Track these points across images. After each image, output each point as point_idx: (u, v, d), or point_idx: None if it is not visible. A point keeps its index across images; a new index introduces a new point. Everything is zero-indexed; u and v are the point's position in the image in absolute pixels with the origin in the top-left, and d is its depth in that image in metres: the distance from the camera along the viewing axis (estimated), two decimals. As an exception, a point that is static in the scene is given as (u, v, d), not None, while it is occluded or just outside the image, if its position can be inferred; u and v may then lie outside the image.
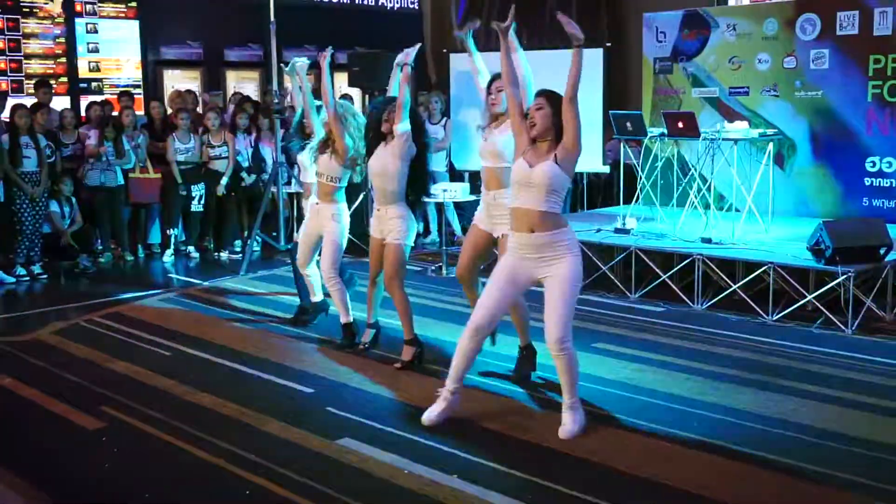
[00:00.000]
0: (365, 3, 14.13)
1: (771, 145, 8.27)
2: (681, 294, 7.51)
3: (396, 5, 14.49)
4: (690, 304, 7.42)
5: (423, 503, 3.97)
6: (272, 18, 9.42)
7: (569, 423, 4.66)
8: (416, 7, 14.67)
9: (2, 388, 5.60)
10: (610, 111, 8.95)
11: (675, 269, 7.60)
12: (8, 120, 9.02)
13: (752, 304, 7.07)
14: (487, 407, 5.16)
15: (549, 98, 4.67)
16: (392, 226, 5.87)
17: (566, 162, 4.56)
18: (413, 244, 6.02)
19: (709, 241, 7.68)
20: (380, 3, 14.26)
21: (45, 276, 8.94)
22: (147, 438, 4.75)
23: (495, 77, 5.43)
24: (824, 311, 6.78)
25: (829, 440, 4.63)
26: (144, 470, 4.39)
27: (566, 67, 4.60)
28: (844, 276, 6.60)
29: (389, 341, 6.37)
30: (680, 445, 4.56)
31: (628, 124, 8.41)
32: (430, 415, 4.84)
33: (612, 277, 7.95)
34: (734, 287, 7.22)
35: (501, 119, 5.42)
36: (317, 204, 6.50)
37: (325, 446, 4.58)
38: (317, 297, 6.96)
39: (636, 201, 8.96)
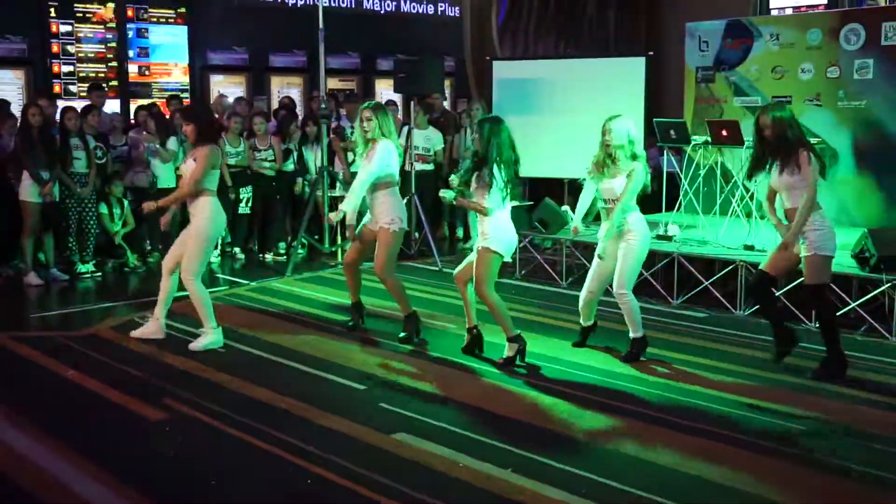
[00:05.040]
0: (407, 10, 14.31)
1: (815, 154, 8.30)
2: (723, 300, 7.57)
3: (438, 13, 14.66)
4: (733, 310, 7.48)
5: (480, 495, 4.09)
6: (321, 25, 9.59)
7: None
8: (458, 14, 14.83)
9: (66, 380, 5.79)
10: (654, 119, 9.04)
11: (718, 275, 7.67)
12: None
13: (795, 311, 7.12)
14: (537, 406, 5.29)
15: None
16: (482, 232, 6.12)
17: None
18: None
19: (751, 248, 7.74)
20: (422, 11, 14.43)
21: (97, 274, 9.17)
22: (208, 429, 4.92)
23: (365, 107, 6.61)
24: (868, 318, 6.82)
25: (877, 443, 4.70)
26: (208, 458, 4.56)
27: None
28: (889, 284, 6.64)
29: (425, 337, 6.53)
30: (734, 446, 4.65)
31: (672, 132, 8.50)
32: None
33: (655, 283, 8.02)
34: (777, 294, 7.26)
35: (372, 143, 6.56)
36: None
37: (381, 440, 4.72)
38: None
39: (678, 208, 9.03)
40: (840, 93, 9.05)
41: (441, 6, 14.60)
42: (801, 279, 7.05)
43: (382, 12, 13.86)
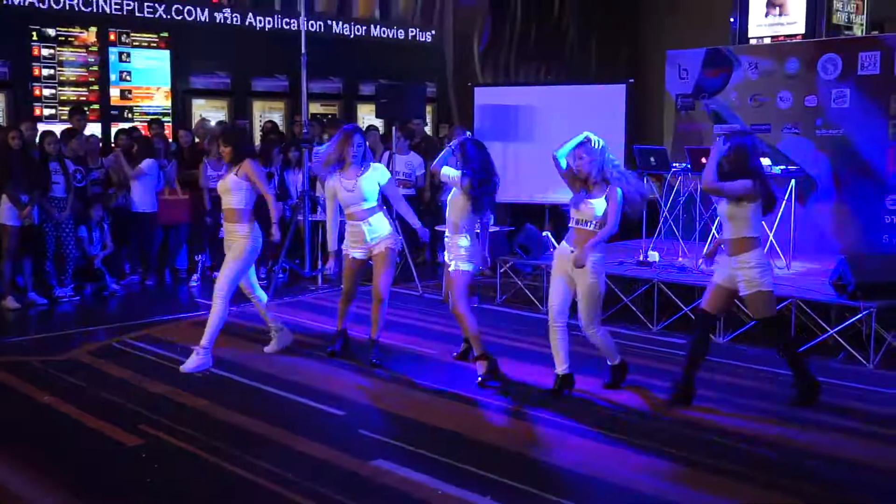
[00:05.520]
0: (389, 35, 14.37)
1: (793, 182, 8.39)
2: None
3: (420, 38, 14.74)
4: (712, 336, 7.48)
5: (458, 523, 4.08)
6: (303, 50, 9.63)
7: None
8: (430, 40, 14.91)
9: (43, 405, 5.73)
10: (634, 146, 9.10)
11: (697, 301, 7.68)
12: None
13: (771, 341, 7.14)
14: (517, 433, 5.28)
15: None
16: (456, 253, 6.34)
17: None
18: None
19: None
20: (403, 37, 14.51)
21: (76, 298, 9.11)
22: (185, 455, 4.88)
23: (355, 130, 6.67)
24: (846, 345, 6.86)
25: (852, 470, 4.73)
26: (185, 485, 4.52)
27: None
28: (866, 312, 6.69)
29: (406, 363, 6.52)
30: (709, 473, 4.66)
31: (652, 159, 8.56)
32: None
33: (634, 309, 8.04)
34: (756, 320, 7.29)
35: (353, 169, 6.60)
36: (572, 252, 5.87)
37: (360, 466, 4.70)
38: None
39: (658, 235, 9.08)
40: (818, 121, 9.15)
41: (412, 31, 14.66)
42: (782, 305, 7.13)
43: (352, 37, 13.90)
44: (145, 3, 11.85)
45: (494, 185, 6.37)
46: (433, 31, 14.83)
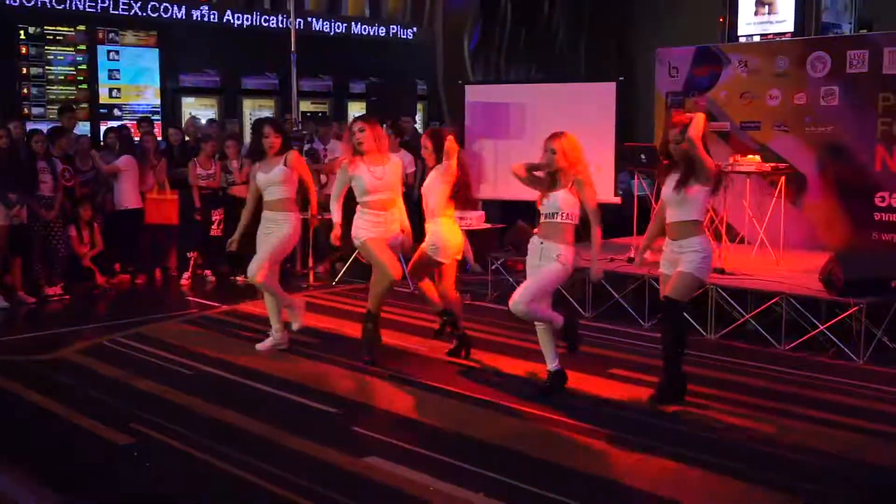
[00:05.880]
0: (379, 34, 14.37)
1: (783, 179, 8.42)
2: (693, 323, 7.60)
3: (410, 37, 14.74)
4: (703, 333, 7.51)
5: (451, 519, 4.08)
6: (293, 48, 9.62)
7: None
8: (420, 38, 14.91)
9: (32, 405, 5.71)
10: (624, 143, 9.11)
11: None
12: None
13: (765, 334, 7.18)
14: (511, 429, 5.28)
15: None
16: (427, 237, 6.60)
17: None
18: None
19: (721, 271, 7.79)
20: (393, 35, 14.51)
21: (66, 297, 9.07)
22: (176, 454, 4.86)
23: (353, 120, 6.73)
24: (836, 341, 6.88)
25: (843, 464, 4.75)
26: (177, 483, 4.51)
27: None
28: (856, 308, 6.72)
29: (398, 359, 6.52)
30: (700, 468, 4.66)
31: (642, 156, 8.57)
32: None
33: (626, 305, 8.05)
34: (746, 317, 7.33)
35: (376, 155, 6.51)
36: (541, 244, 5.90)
37: (353, 464, 4.69)
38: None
39: (649, 232, 9.08)
40: (807, 118, 9.18)
41: (402, 29, 14.66)
42: (772, 301, 7.16)
43: (342, 35, 13.90)
44: (124, 2, 11.80)
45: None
46: (419, 29, 14.84)
